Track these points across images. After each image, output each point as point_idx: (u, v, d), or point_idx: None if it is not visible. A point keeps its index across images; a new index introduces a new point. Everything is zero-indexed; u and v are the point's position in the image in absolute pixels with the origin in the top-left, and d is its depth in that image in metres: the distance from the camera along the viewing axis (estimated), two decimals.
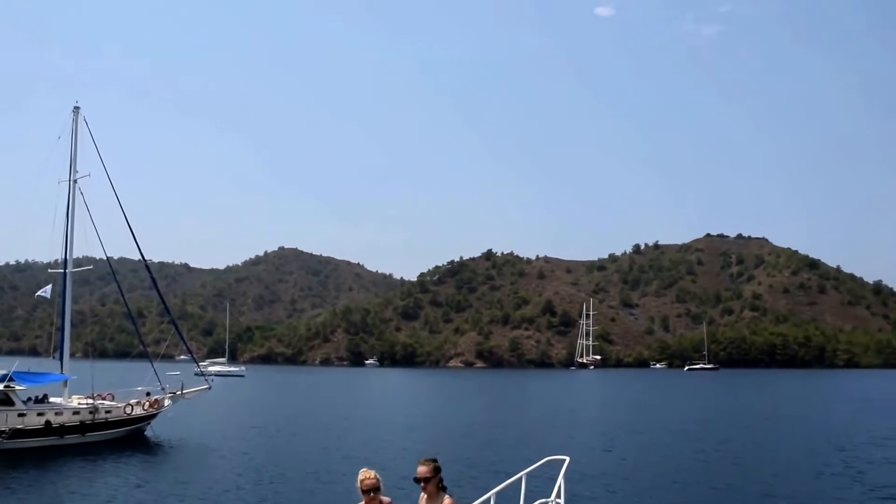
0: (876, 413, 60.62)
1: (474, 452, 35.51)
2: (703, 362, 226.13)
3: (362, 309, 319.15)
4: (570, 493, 11.60)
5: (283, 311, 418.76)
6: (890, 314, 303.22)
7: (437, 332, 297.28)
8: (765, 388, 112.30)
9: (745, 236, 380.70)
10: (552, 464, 11.32)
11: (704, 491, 26.05)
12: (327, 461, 32.48)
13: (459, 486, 25.37)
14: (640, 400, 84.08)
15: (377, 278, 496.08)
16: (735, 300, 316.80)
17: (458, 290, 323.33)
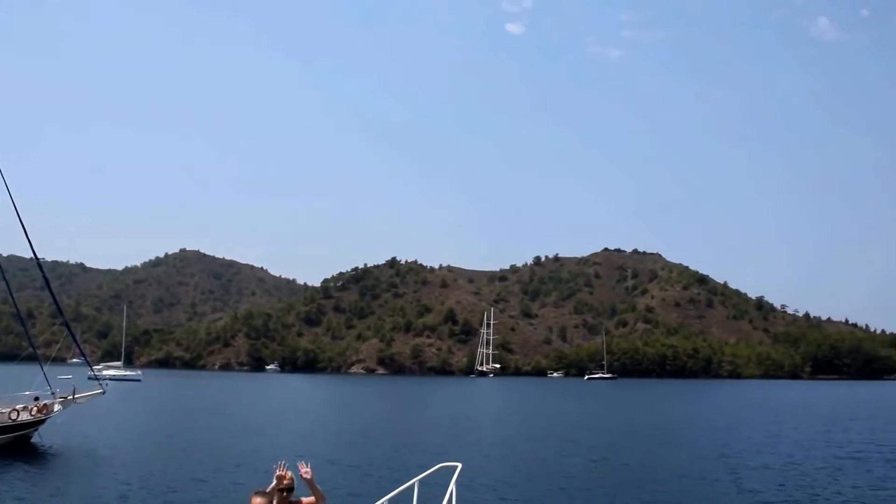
0: (754, 422, 64.16)
1: (369, 459, 36.19)
2: (603, 372, 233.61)
3: (264, 314, 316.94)
4: (461, 500, 11.53)
5: (182, 315, 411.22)
6: (770, 328, 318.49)
7: (339, 339, 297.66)
8: (658, 397, 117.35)
9: (640, 251, 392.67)
10: (444, 470, 11.49)
11: (591, 498, 27.28)
12: (221, 469, 32.06)
13: (353, 493, 26.26)
14: (538, 408, 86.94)
15: (280, 283, 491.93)
16: (630, 312, 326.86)
17: (361, 296, 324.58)
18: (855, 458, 39.35)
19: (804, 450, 42.83)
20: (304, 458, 9.47)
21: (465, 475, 29.19)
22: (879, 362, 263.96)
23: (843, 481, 31.33)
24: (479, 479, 30.10)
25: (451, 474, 11.08)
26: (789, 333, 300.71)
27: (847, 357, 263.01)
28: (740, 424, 61.95)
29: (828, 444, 45.92)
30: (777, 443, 46.77)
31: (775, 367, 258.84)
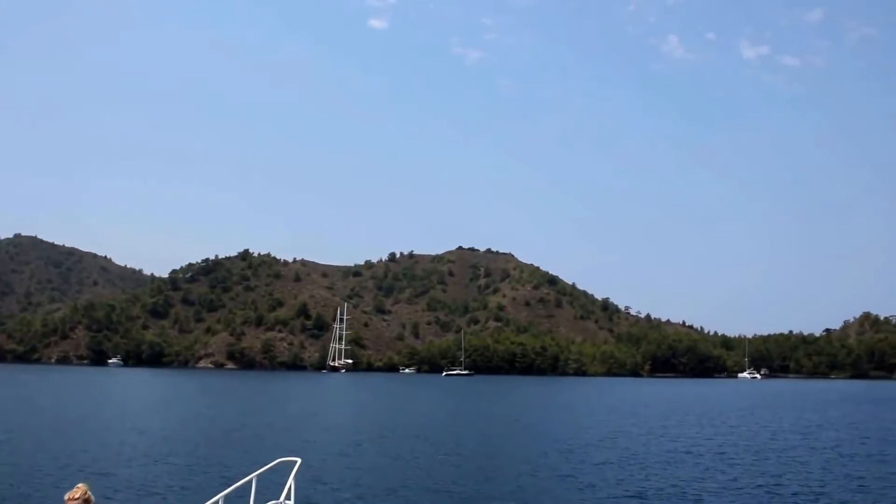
0: (596, 417, 66.35)
1: (207, 457, 35.63)
2: (460, 368, 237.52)
3: (107, 305, 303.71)
4: (301, 496, 11.34)
5: (15, 305, 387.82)
6: (614, 328, 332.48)
7: (187, 332, 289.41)
8: (511, 393, 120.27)
9: (493, 251, 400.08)
10: (284, 466, 11.29)
11: (434, 493, 27.50)
12: (46, 470, 30.42)
13: (188, 490, 26.12)
14: (393, 404, 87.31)
15: (125, 273, 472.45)
16: (482, 310, 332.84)
17: (211, 289, 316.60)
18: (689, 451, 41.44)
19: (642, 444, 44.81)
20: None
21: (307, 471, 29.10)
22: (711, 361, 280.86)
23: (678, 473, 32.96)
24: (321, 475, 30.22)
25: (290, 469, 10.97)
26: (631, 334, 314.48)
27: (683, 356, 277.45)
28: (584, 420, 64.09)
29: (664, 439, 48.25)
30: (617, 437, 48.73)
31: (618, 366, 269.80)
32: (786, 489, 29.38)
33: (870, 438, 50.63)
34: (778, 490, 29.16)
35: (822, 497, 27.80)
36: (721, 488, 29.40)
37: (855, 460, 38.84)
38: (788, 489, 29.38)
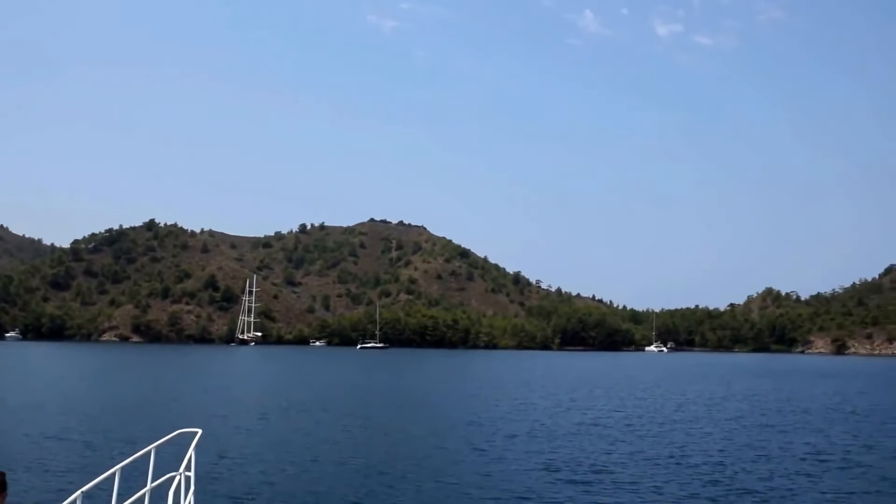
0: (507, 390, 66.52)
1: (109, 429, 34.74)
2: (375, 341, 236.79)
3: (4, 276, 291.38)
4: (202, 467, 11.12)
5: None
6: (525, 302, 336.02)
7: (90, 304, 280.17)
8: (423, 366, 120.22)
9: (406, 223, 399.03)
10: (184, 437, 11.02)
11: (334, 467, 26.91)
12: None
13: (85, 465, 25.22)
14: (299, 377, 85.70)
15: (23, 243, 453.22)
16: (393, 283, 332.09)
17: (115, 260, 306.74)
18: (596, 423, 41.63)
19: (551, 416, 44.87)
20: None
21: (209, 443, 28.05)
22: (620, 335, 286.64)
23: (586, 445, 32.98)
24: (224, 447, 29.86)
25: (190, 440, 10.60)
26: (542, 307, 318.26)
27: (593, 330, 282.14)
28: (494, 393, 64.04)
29: (573, 411, 48.51)
30: (527, 410, 48.76)
31: (529, 339, 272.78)
32: (690, 459, 29.63)
33: (770, 410, 52.00)
34: (683, 460, 29.41)
35: (724, 466, 28.05)
36: (628, 459, 29.47)
37: (755, 431, 39.61)
38: (692, 459, 29.64)
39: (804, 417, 46.75)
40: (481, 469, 27.03)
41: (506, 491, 23.23)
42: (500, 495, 22.65)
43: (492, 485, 24.20)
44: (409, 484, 24.22)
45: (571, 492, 23.37)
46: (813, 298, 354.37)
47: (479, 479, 25.03)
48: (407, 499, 22.21)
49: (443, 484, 24.21)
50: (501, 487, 23.76)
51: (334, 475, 25.53)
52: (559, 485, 24.45)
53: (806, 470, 27.80)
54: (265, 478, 24.84)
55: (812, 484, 25.21)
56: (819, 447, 33.67)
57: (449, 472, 26.41)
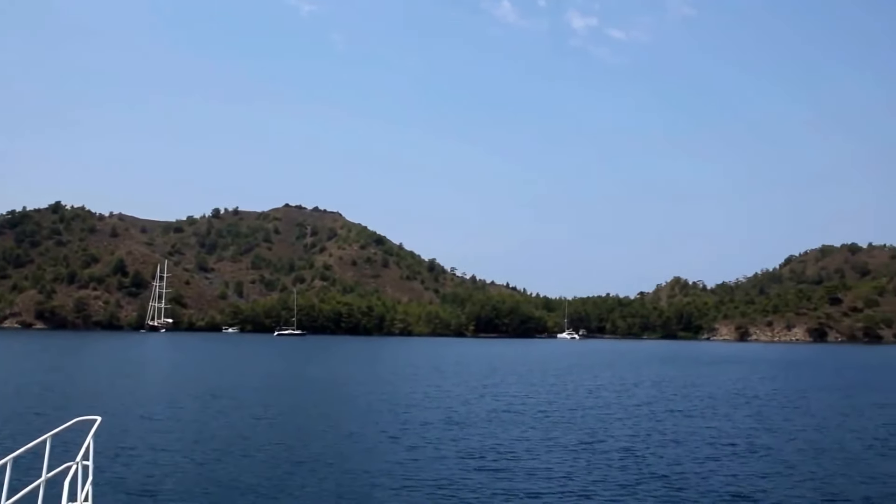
0: (420, 377, 66.45)
1: (4, 418, 33.74)
2: (292, 328, 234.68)
3: None
4: (101, 456, 10.36)
5: None
6: (440, 289, 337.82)
7: None
8: (339, 353, 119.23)
9: (321, 209, 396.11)
10: (82, 425, 10.70)
11: (239, 460, 26.15)
12: None
13: None
14: (209, 365, 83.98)
15: None
16: (308, 269, 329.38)
17: (17, 243, 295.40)
18: (508, 410, 42.00)
19: (464, 403, 45.03)
20: None
21: (110, 431, 27.70)
22: (533, 322, 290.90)
23: (499, 432, 33.15)
24: (125, 436, 29.30)
25: (88, 428, 10.34)
26: (457, 294, 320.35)
27: (506, 317, 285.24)
28: (408, 380, 64.12)
29: (487, 398, 48.77)
30: (440, 397, 48.88)
31: (443, 326, 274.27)
32: (601, 445, 30.10)
33: (677, 395, 53.32)
34: (594, 446, 29.84)
35: (634, 451, 28.55)
36: (541, 446, 29.78)
37: (664, 416, 40.53)
38: (604, 445, 30.11)
39: (710, 402, 48.00)
40: (395, 457, 26.87)
41: (420, 479, 23.18)
42: (413, 484, 22.56)
43: (405, 473, 24.09)
44: (321, 472, 23.96)
45: (485, 479, 23.43)
46: (718, 287, 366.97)
47: (393, 467, 24.91)
48: (318, 488, 21.89)
49: (356, 473, 23.97)
50: (415, 476, 23.67)
51: (242, 464, 25.07)
52: (473, 472, 24.49)
53: (713, 454, 28.48)
54: (168, 468, 24.21)
55: (719, 467, 25.86)
56: (725, 431, 34.61)
57: (362, 460, 26.18)
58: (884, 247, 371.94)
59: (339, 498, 20.72)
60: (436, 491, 21.75)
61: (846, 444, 31.45)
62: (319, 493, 21.35)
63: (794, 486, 23.19)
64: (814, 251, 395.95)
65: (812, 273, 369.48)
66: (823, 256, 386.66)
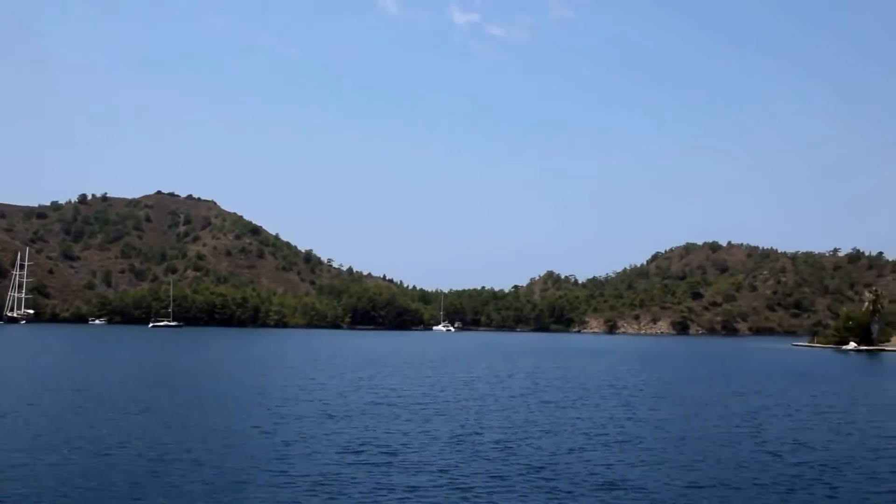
0: (295, 370, 65.69)
1: None
2: (168, 319, 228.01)
3: None
4: None
5: None
6: (316, 280, 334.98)
7: None
8: (214, 345, 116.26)
9: (195, 197, 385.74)
10: None
11: (104, 455, 25.53)
12: None
13: None
14: (72, 358, 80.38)
15: None
16: (180, 259, 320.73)
17: None
18: (381, 402, 42.15)
19: (339, 396, 44.99)
20: None
21: None
22: (409, 314, 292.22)
23: (374, 424, 33.24)
24: None
25: None
26: (333, 286, 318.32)
27: (383, 309, 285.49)
28: (283, 372, 63.42)
29: (362, 390, 48.73)
30: (316, 390, 48.52)
31: (319, 318, 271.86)
32: (478, 437, 30.57)
33: (551, 386, 54.79)
34: (470, 438, 30.28)
35: (510, 443, 29.16)
36: (418, 439, 29.99)
37: (538, 407, 41.57)
38: (481, 437, 30.60)
39: (582, 394, 49.50)
40: (269, 452, 26.46)
41: (296, 475, 22.97)
42: (289, 480, 22.30)
43: (281, 469, 23.81)
44: (189, 470, 23.26)
45: (364, 473, 23.39)
46: (589, 282, 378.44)
47: (267, 463, 24.58)
48: (186, 487, 21.15)
49: (227, 470, 23.42)
50: (291, 471, 23.43)
51: (101, 464, 24.07)
52: (351, 466, 24.43)
53: (586, 444, 29.40)
54: (16, 469, 23.08)
55: (592, 456, 26.72)
56: (597, 422, 35.79)
57: (234, 456, 25.60)
58: (741, 245, 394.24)
59: (209, 497, 20.07)
60: (314, 487, 21.52)
61: (708, 432, 33.10)
62: (189, 492, 20.60)
63: (662, 473, 24.19)
64: (678, 248, 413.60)
65: (676, 269, 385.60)
66: (687, 254, 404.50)
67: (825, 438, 32.15)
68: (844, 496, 21.66)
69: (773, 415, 40.25)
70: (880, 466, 26.28)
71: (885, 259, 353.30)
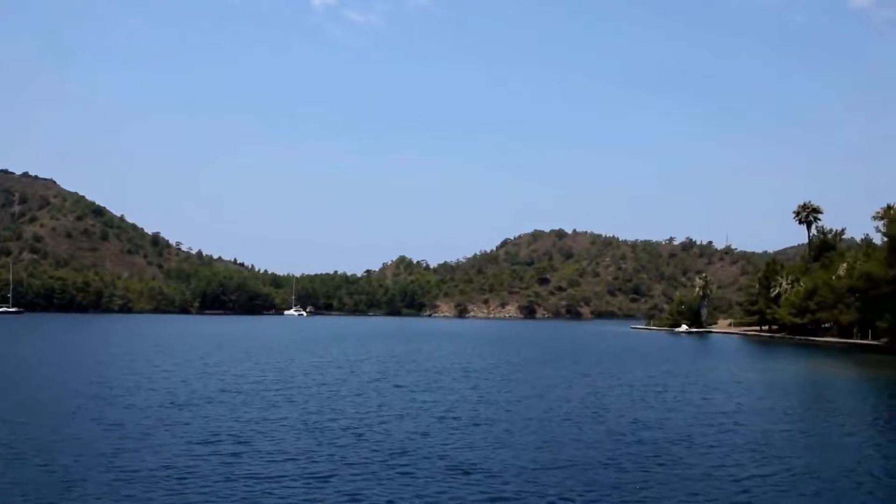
0: (143, 355, 63.14)
1: None
2: (7, 305, 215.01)
3: None
4: None
5: None
6: (164, 264, 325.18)
7: None
8: (53, 331, 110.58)
9: (32, 175, 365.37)
10: None
11: None
12: None
13: None
14: None
15: None
16: (15, 241, 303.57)
17: None
18: (237, 390, 41.35)
19: (183, 382, 43.91)
20: None
21: None
22: (261, 298, 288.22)
23: (226, 413, 32.57)
24: None
25: None
26: (182, 270, 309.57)
27: (233, 293, 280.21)
28: (129, 359, 61.20)
29: (208, 376, 47.53)
30: (159, 377, 47.08)
31: (167, 302, 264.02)
32: (334, 423, 30.45)
33: (403, 370, 55.36)
34: (325, 425, 30.09)
35: (363, 428, 29.18)
36: (271, 426, 29.62)
37: (391, 391, 41.90)
38: (337, 423, 30.50)
39: (435, 377, 50.27)
40: (109, 447, 25.04)
41: (139, 469, 21.90)
42: (129, 476, 21.13)
43: (123, 463, 22.59)
44: (17, 469, 21.83)
45: (212, 465, 22.68)
46: (440, 267, 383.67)
47: (107, 458, 23.29)
48: (13, 488, 19.72)
49: (60, 468, 21.99)
50: (134, 466, 22.25)
51: None
52: (201, 457, 23.68)
53: (440, 427, 29.84)
54: None
55: (446, 439, 27.18)
56: (449, 405, 36.42)
57: (69, 453, 24.03)
58: (585, 233, 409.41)
59: (39, 497, 18.74)
60: (160, 481, 20.55)
61: (557, 413, 34.31)
62: (22, 494, 19.15)
63: (514, 454, 24.87)
64: (526, 235, 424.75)
65: (525, 255, 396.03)
66: (535, 240, 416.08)
67: (663, 416, 33.98)
68: (681, 471, 22.93)
69: (617, 395, 42.14)
70: (712, 440, 28.03)
71: (714, 248, 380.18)
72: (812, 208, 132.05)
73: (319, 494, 19.63)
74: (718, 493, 20.31)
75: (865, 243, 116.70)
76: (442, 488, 20.39)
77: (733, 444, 27.79)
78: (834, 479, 22.33)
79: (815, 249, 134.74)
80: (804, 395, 46.46)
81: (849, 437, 30.26)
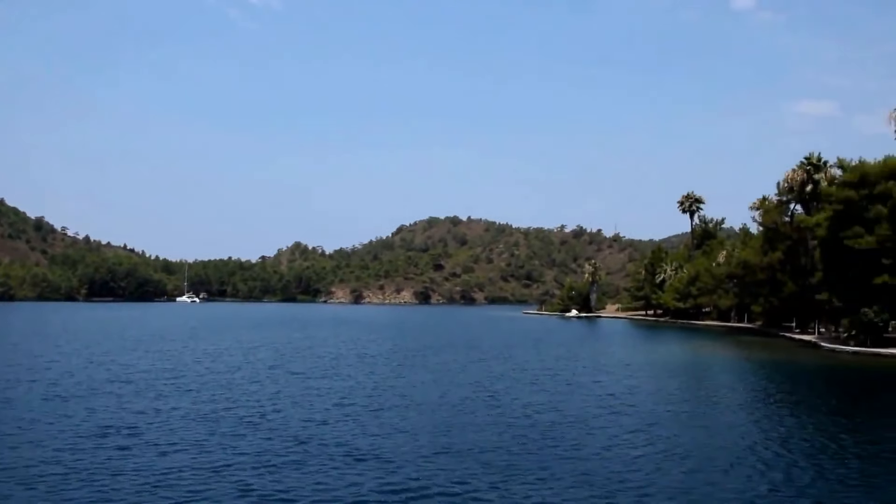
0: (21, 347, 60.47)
1: None
2: None
3: None
4: None
5: None
6: (48, 249, 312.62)
7: None
8: None
9: None
10: None
11: None
12: None
13: None
14: None
15: None
16: None
17: None
18: (126, 379, 40.06)
19: (73, 373, 42.17)
20: None
21: None
22: (152, 285, 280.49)
23: (118, 404, 31.61)
24: None
25: None
26: (68, 255, 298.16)
27: (123, 280, 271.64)
28: (8, 350, 58.53)
29: (99, 366, 45.93)
30: (40, 369, 45.01)
31: (52, 290, 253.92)
32: (228, 413, 29.96)
33: (299, 356, 54.89)
34: (220, 414, 29.62)
35: (259, 417, 28.96)
36: (165, 417, 28.89)
37: (286, 378, 41.44)
38: (231, 413, 30.00)
39: (332, 363, 50.14)
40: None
41: (17, 466, 20.96)
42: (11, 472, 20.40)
43: (10, 457, 21.84)
44: None
45: (101, 458, 21.88)
46: (336, 253, 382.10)
47: None
48: None
49: None
50: (11, 463, 21.23)
51: None
52: (86, 451, 22.80)
53: (338, 415, 29.73)
54: None
55: (344, 426, 27.08)
56: (345, 391, 36.43)
57: None
58: (480, 220, 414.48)
59: None
60: (41, 478, 19.62)
61: (453, 398, 34.69)
62: None
63: (410, 439, 25.08)
64: (422, 221, 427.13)
65: (420, 241, 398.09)
66: (430, 227, 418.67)
67: (555, 399, 34.84)
68: (573, 452, 23.55)
69: (510, 379, 42.91)
70: (603, 422, 28.93)
71: (603, 236, 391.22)
72: (695, 199, 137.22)
73: (212, 486, 19.18)
74: (609, 473, 20.94)
75: (743, 232, 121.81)
76: (338, 476, 20.33)
77: (622, 424, 28.73)
78: (713, 456, 23.38)
79: (697, 238, 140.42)
80: (688, 377, 48.34)
81: (730, 413, 32.04)
